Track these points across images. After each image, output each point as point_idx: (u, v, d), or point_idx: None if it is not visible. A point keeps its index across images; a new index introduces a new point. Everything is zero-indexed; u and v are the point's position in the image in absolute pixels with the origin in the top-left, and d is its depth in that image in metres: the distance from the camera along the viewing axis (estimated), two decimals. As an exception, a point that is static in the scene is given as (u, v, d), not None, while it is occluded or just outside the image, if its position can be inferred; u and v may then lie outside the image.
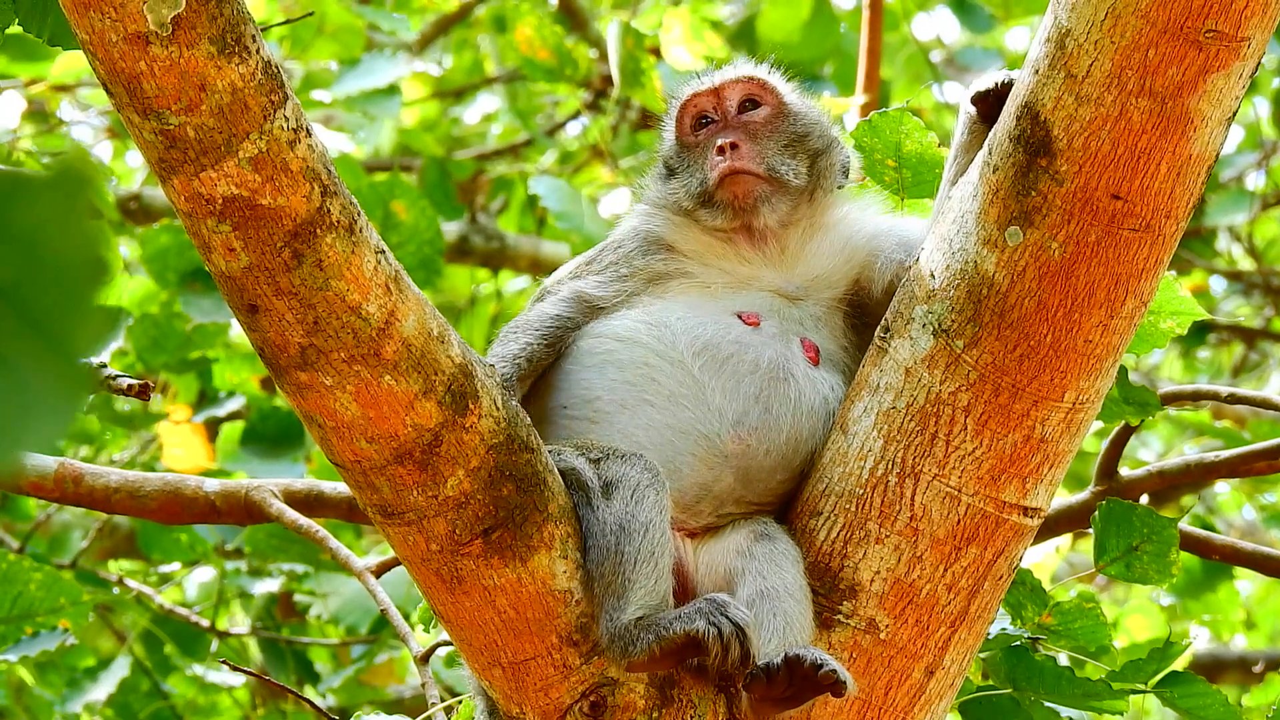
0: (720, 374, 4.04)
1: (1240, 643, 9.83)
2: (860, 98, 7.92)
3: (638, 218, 4.32)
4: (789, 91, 4.32)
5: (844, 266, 4.20)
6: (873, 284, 4.17)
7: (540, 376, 4.12)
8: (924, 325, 3.92)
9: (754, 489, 4.03)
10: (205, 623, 7.32)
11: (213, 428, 7.58)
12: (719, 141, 4.22)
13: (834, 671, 3.78)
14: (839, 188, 4.31)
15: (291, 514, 5.19)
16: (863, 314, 4.18)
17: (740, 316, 4.12)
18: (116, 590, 7.21)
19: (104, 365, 4.60)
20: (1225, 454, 5.46)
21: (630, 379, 4.06)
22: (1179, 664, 5.35)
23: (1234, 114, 3.78)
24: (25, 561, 5.77)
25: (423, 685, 4.77)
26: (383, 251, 3.69)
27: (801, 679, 3.78)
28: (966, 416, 3.89)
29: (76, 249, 2.13)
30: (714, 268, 4.19)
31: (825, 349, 4.13)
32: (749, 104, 4.28)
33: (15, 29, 4.08)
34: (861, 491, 3.95)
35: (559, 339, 4.12)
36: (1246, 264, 10.21)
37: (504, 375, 3.96)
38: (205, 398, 7.65)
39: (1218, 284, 10.54)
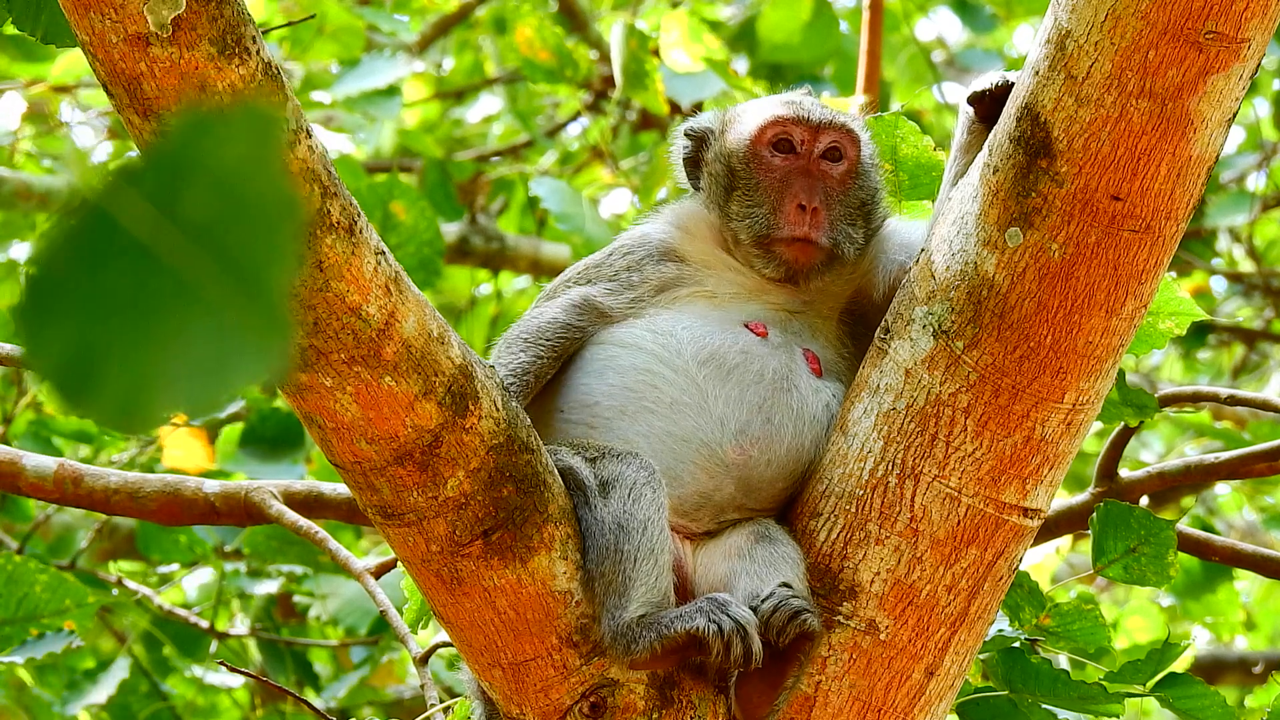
0: (725, 383, 4.03)
1: (1241, 644, 9.83)
2: (860, 99, 7.92)
3: (649, 224, 4.28)
4: (867, 150, 4.24)
5: (848, 273, 4.20)
6: (873, 287, 4.16)
7: (538, 380, 4.11)
8: (924, 326, 3.91)
9: (755, 497, 4.02)
10: (205, 624, 7.32)
11: (213, 430, 7.58)
12: (802, 198, 4.13)
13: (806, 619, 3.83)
14: None
15: (291, 515, 5.18)
16: (861, 317, 4.17)
17: (749, 326, 4.10)
18: (116, 591, 7.21)
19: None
20: (1225, 455, 5.45)
21: (630, 385, 4.05)
22: (1180, 665, 5.34)
23: (1234, 115, 3.77)
24: (31, 563, 5.76)
25: (422, 686, 4.77)
26: (383, 252, 3.68)
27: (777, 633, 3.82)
28: (966, 418, 3.89)
29: (268, 187, 2.06)
30: (723, 279, 4.17)
31: (825, 357, 4.11)
32: (833, 153, 4.19)
33: (9, 28, 4.06)
34: (862, 492, 3.94)
35: (567, 349, 4.10)
36: (1247, 265, 10.21)
37: (511, 389, 3.94)
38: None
39: (1218, 285, 10.54)
